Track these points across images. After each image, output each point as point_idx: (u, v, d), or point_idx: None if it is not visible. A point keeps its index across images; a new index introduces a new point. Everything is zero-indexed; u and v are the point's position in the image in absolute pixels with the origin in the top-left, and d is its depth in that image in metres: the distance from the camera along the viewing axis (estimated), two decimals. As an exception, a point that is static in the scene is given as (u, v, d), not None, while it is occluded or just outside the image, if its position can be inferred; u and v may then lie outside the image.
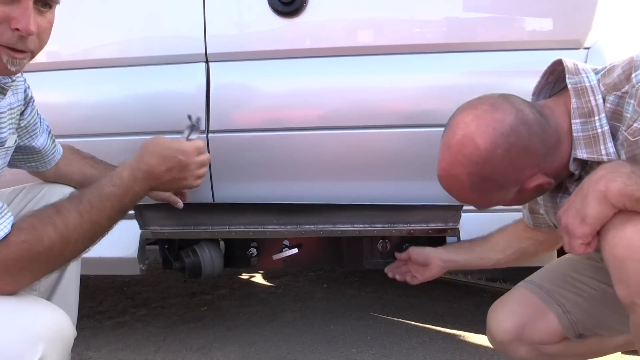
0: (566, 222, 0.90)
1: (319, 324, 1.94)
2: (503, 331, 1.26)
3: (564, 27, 1.42)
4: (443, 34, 1.44)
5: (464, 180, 0.98)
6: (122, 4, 1.50)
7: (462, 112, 1.00)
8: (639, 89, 0.91)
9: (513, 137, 0.95)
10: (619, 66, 0.97)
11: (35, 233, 0.85)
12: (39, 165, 1.26)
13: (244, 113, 1.49)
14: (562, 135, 0.99)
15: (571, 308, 1.23)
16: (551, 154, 0.98)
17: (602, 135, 0.96)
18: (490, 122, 0.95)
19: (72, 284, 1.25)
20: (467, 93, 1.41)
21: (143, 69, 1.50)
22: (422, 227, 1.47)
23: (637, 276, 0.83)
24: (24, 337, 0.81)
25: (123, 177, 0.98)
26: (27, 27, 0.85)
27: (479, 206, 1.10)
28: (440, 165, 1.01)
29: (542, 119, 0.98)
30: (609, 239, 0.86)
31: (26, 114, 1.14)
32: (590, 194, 0.86)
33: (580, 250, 0.89)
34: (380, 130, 1.45)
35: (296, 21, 1.42)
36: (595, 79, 0.98)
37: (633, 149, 0.93)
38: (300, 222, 1.49)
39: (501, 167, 0.96)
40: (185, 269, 1.58)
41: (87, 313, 2.10)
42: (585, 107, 0.97)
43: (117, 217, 0.97)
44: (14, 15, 0.85)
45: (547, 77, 1.08)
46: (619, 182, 0.84)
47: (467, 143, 0.96)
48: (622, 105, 0.95)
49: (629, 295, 0.85)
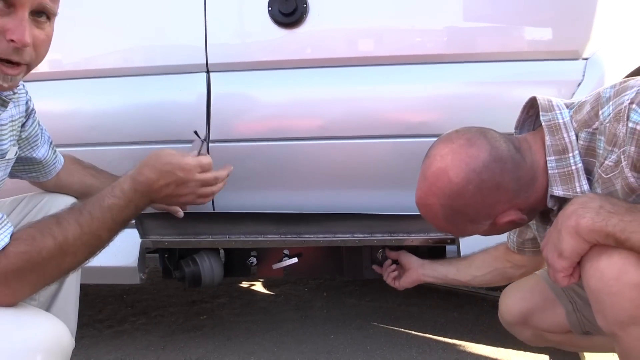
0: (546, 256, 0.93)
1: (318, 334, 1.94)
2: (511, 314, 1.30)
3: (562, 38, 1.43)
4: (441, 44, 1.45)
5: (438, 210, 1.00)
6: (124, 15, 1.52)
7: (439, 144, 1.02)
8: (607, 126, 0.92)
9: (485, 173, 0.96)
10: (588, 102, 0.98)
11: (34, 244, 0.85)
12: (40, 176, 1.26)
13: (244, 123, 1.50)
14: (537, 172, 1.00)
15: (582, 307, 1.24)
16: (525, 190, 0.99)
17: (576, 172, 0.97)
18: (464, 157, 0.97)
19: (71, 294, 1.25)
20: (466, 103, 1.44)
21: (144, 79, 1.51)
22: (421, 236, 1.47)
23: (611, 308, 0.85)
24: (22, 349, 0.81)
25: (124, 189, 0.97)
26: (22, 39, 0.84)
27: (454, 235, 1.12)
28: (417, 193, 1.03)
29: (518, 156, 0.99)
30: (585, 272, 0.88)
31: (27, 125, 1.15)
32: (563, 229, 0.88)
33: (564, 283, 0.92)
34: (379, 140, 1.45)
35: (296, 32, 1.43)
36: (568, 116, 0.99)
37: (608, 186, 0.94)
38: (300, 232, 1.49)
39: (472, 202, 0.97)
40: (185, 278, 1.59)
41: (86, 322, 2.10)
42: (559, 144, 0.98)
43: (117, 229, 0.96)
44: (9, 27, 0.84)
45: (527, 111, 1.08)
46: (587, 218, 0.85)
47: (441, 176, 0.98)
48: (594, 141, 0.95)
49: (607, 325, 0.87)
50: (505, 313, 1.33)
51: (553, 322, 1.28)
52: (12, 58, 0.86)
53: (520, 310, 1.29)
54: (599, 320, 0.89)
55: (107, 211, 0.93)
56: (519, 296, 1.31)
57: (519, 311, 1.29)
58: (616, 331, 0.87)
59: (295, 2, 1.40)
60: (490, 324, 1.97)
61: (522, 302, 1.29)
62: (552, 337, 1.31)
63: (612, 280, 0.84)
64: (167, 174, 1.02)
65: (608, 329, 0.88)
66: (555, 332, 1.29)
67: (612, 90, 0.94)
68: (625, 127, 0.87)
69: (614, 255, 0.85)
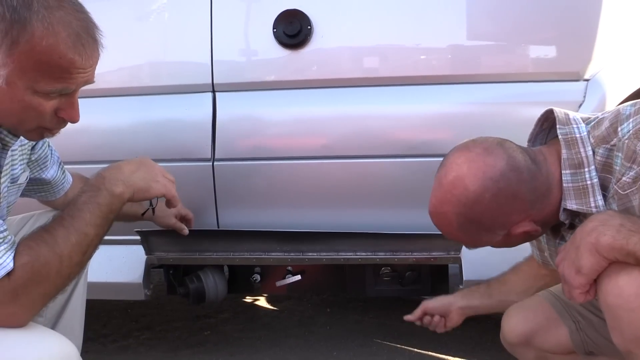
0: (562, 272, 0.92)
1: (322, 350, 1.94)
2: (514, 334, 1.28)
3: (563, 59, 1.44)
4: (444, 66, 1.47)
5: (452, 219, 1.00)
6: (132, 35, 1.55)
7: (456, 153, 1.02)
8: (625, 143, 0.92)
9: (502, 182, 0.96)
10: (607, 119, 0.98)
11: (32, 253, 0.88)
12: (49, 195, 1.29)
13: (248, 142, 1.52)
14: (552, 184, 1.00)
15: (585, 326, 1.23)
16: (540, 201, 0.99)
17: (591, 188, 0.97)
18: (482, 166, 0.97)
19: (77, 311, 1.27)
20: (468, 123, 1.45)
21: (152, 98, 1.54)
22: (424, 255, 1.48)
23: (629, 325, 0.85)
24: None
25: (90, 182, 1.01)
26: (74, 119, 0.93)
27: (467, 245, 1.12)
28: (431, 201, 1.03)
29: (534, 167, 0.99)
30: (603, 288, 0.88)
31: (37, 147, 1.18)
32: (582, 246, 0.88)
33: (580, 299, 0.91)
34: (382, 160, 1.47)
35: (300, 53, 1.46)
36: (585, 131, 0.99)
37: (624, 202, 0.94)
38: (303, 250, 1.51)
39: (488, 211, 0.98)
40: (190, 294, 1.60)
41: (91, 336, 2.11)
42: (575, 158, 0.98)
43: (102, 223, 0.98)
44: (63, 107, 0.91)
45: (541, 124, 1.09)
46: (608, 236, 0.85)
47: (458, 184, 0.98)
48: (611, 158, 0.96)
49: (624, 343, 0.87)
50: (508, 334, 1.31)
51: (556, 343, 1.26)
52: (57, 128, 0.95)
53: (524, 330, 1.27)
54: (615, 338, 0.88)
55: (84, 206, 0.96)
56: (522, 316, 1.29)
57: (522, 331, 1.28)
58: (632, 349, 0.86)
59: (300, 24, 1.42)
60: (493, 343, 1.97)
61: (525, 322, 1.28)
62: (556, 358, 1.29)
63: (631, 297, 0.84)
64: (134, 160, 1.09)
65: (624, 347, 0.87)
66: (558, 353, 1.28)
67: (632, 109, 0.95)
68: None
69: (633, 272, 0.85)
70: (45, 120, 0.91)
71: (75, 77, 0.88)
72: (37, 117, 0.90)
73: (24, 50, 0.83)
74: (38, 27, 0.83)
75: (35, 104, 0.88)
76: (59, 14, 0.85)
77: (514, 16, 1.45)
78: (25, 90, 0.86)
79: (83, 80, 0.90)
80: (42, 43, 0.83)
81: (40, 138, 0.97)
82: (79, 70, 0.88)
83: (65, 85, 0.88)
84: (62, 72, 0.86)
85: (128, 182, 1.03)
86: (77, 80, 0.89)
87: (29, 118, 0.90)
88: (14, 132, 0.96)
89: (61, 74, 0.86)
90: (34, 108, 0.88)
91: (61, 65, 0.86)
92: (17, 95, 0.86)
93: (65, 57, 0.85)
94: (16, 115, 0.89)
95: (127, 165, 1.06)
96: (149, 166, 1.11)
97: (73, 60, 0.86)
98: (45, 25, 0.83)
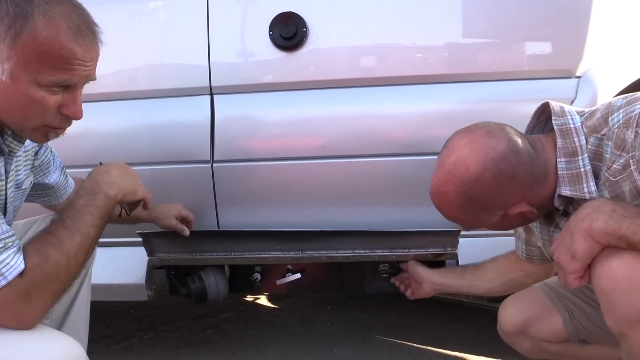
0: (558, 259, 0.95)
1: (322, 347, 1.96)
2: (510, 324, 1.32)
3: (555, 57, 1.46)
4: (439, 65, 1.49)
5: (453, 198, 1.04)
6: (130, 39, 1.56)
7: (458, 135, 1.07)
8: (615, 132, 0.97)
9: (502, 163, 1.01)
10: (599, 110, 1.03)
11: (41, 255, 0.92)
12: (52, 199, 1.31)
13: (247, 143, 1.54)
14: (549, 170, 1.04)
15: (578, 315, 1.27)
16: (537, 185, 1.04)
17: (584, 175, 1.01)
18: (483, 147, 1.02)
19: (82, 312, 1.29)
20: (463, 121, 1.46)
21: (150, 102, 1.56)
22: (421, 252, 1.50)
23: (622, 307, 0.88)
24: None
25: (85, 185, 1.05)
26: (77, 115, 0.95)
27: (465, 225, 1.15)
28: (432, 182, 1.07)
29: (533, 151, 1.04)
30: (596, 272, 0.91)
31: (40, 153, 1.20)
32: (576, 232, 0.91)
33: (574, 284, 0.94)
34: (379, 159, 1.49)
35: (297, 55, 1.48)
36: (579, 122, 1.04)
37: (615, 189, 0.98)
38: (302, 248, 1.53)
39: (488, 191, 1.02)
40: (191, 294, 1.62)
41: (95, 337, 2.13)
42: (570, 147, 1.03)
43: (100, 224, 1.02)
44: (66, 103, 0.93)
45: (537, 117, 1.13)
46: (601, 221, 0.89)
47: (460, 164, 1.02)
48: (601, 146, 1.00)
49: (617, 325, 0.90)
50: (504, 324, 1.36)
51: (551, 331, 1.30)
52: (61, 126, 0.97)
53: (519, 320, 1.31)
54: (608, 320, 0.91)
55: (83, 208, 0.99)
56: (518, 306, 1.33)
57: (517, 321, 1.32)
58: (625, 330, 0.89)
59: (295, 26, 1.44)
60: (492, 336, 1.99)
61: (521, 312, 1.32)
62: (550, 347, 1.33)
63: (623, 280, 0.87)
64: (115, 164, 1.12)
65: (617, 328, 0.90)
66: (552, 342, 1.31)
67: (623, 101, 1.00)
68: (635, 133, 0.93)
69: (625, 256, 0.88)
70: (49, 116, 0.93)
71: (77, 69, 0.90)
72: (41, 113, 0.92)
73: (26, 41, 0.86)
74: (39, 19, 0.86)
75: (39, 98, 0.90)
76: (60, 7, 0.89)
77: (507, 15, 1.47)
78: (29, 83, 0.89)
79: (85, 74, 0.92)
80: (44, 34, 0.86)
81: (46, 139, 0.98)
82: (79, 61, 0.90)
83: (67, 76, 0.90)
84: (63, 62, 0.89)
85: (119, 185, 1.08)
86: (79, 73, 0.91)
87: (33, 114, 0.92)
88: (19, 134, 0.99)
89: (62, 64, 0.89)
90: (37, 102, 0.90)
91: (62, 56, 0.88)
92: (21, 89, 0.89)
93: (65, 47, 0.88)
94: (21, 110, 0.91)
95: (114, 169, 1.10)
96: (130, 170, 1.15)
97: (73, 51, 0.89)
98: (47, 17, 0.87)
